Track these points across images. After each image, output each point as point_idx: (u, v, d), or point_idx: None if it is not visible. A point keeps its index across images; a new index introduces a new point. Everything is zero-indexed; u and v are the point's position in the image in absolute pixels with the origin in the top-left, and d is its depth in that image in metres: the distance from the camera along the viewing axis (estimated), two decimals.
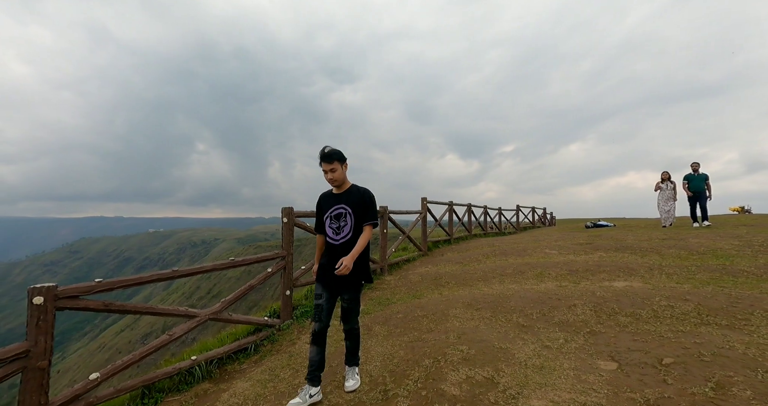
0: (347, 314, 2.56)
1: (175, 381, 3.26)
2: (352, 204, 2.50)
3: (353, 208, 2.49)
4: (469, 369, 2.59)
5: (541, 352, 2.82)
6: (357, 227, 2.48)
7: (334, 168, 2.46)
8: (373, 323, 4.04)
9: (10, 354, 2.32)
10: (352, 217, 2.48)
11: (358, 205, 2.50)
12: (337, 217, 2.52)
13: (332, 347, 3.41)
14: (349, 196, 2.53)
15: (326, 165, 2.45)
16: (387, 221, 6.59)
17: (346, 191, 2.56)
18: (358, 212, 2.49)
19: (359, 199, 2.51)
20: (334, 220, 2.53)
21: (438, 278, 5.72)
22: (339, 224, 2.50)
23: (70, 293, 2.59)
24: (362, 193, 2.55)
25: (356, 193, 2.55)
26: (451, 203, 10.87)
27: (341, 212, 2.51)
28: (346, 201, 2.52)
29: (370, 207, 2.52)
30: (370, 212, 2.51)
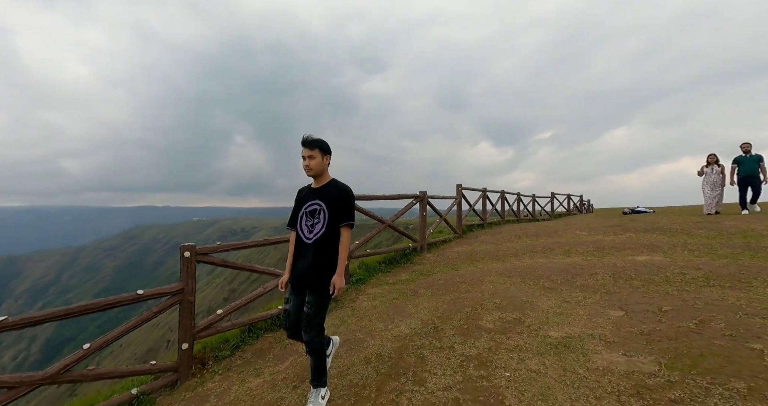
0: (306, 322, 2.21)
1: (268, 323, 4.26)
2: (328, 201, 2.28)
3: (328, 205, 2.27)
4: (501, 313, 3.31)
5: (562, 304, 3.48)
6: (331, 225, 2.25)
7: (312, 155, 2.27)
8: (419, 288, 4.83)
9: (173, 290, 3.34)
10: (326, 214, 2.26)
11: (334, 202, 2.27)
12: (312, 213, 2.31)
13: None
14: (325, 192, 2.31)
15: (306, 150, 2.27)
16: (426, 204, 7.30)
17: (324, 186, 2.35)
18: (333, 209, 2.27)
19: (336, 196, 2.29)
20: (308, 216, 2.32)
21: (473, 255, 6.40)
22: (313, 222, 2.29)
23: (203, 250, 3.58)
24: (340, 190, 2.31)
25: (333, 189, 2.32)
26: (484, 189, 11.35)
27: (316, 208, 2.30)
28: (321, 197, 2.31)
29: (346, 205, 2.29)
30: (347, 211, 2.29)
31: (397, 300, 4.46)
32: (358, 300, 4.80)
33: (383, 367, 2.71)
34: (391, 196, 6.48)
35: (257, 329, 4.16)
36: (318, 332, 2.25)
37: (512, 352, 2.62)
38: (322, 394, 2.32)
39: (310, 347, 2.26)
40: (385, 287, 5.16)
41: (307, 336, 2.23)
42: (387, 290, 4.99)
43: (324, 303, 2.25)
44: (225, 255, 4.05)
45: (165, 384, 3.30)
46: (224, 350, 3.80)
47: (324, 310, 2.27)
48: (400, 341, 3.12)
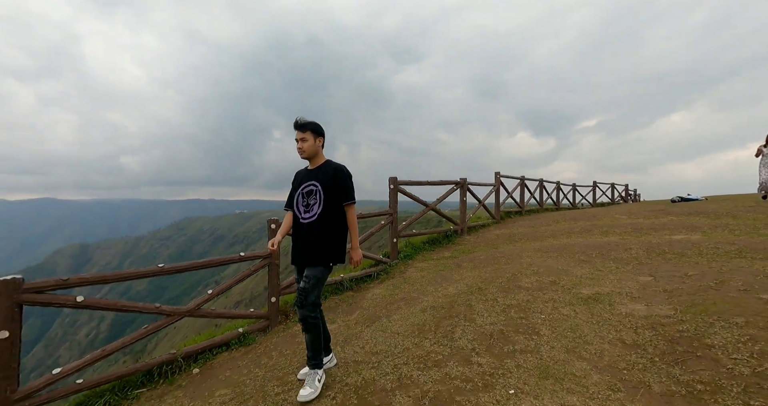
0: (302, 296, 2.23)
1: (332, 288, 5.04)
2: (322, 181, 2.30)
3: (323, 185, 2.29)
4: (538, 277, 3.83)
5: (594, 272, 3.91)
6: (327, 205, 2.28)
7: (305, 137, 2.30)
8: (462, 262, 5.40)
9: (264, 254, 4.18)
10: (322, 194, 2.29)
11: (328, 182, 2.30)
12: (308, 194, 2.34)
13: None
14: (320, 173, 2.34)
15: (298, 133, 2.31)
16: (466, 190, 7.78)
17: (319, 167, 2.38)
18: (329, 189, 2.29)
19: (331, 177, 2.31)
20: (304, 197, 2.35)
21: (511, 236, 6.84)
22: (308, 202, 2.32)
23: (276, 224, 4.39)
24: (334, 170, 2.34)
25: (328, 169, 2.35)
26: (522, 177, 11.55)
27: (312, 188, 2.32)
28: (316, 177, 2.33)
29: (343, 185, 2.31)
30: (345, 190, 2.32)
31: (442, 271, 5.07)
32: (408, 272, 5.46)
33: (438, 313, 3.34)
34: (434, 182, 7.05)
35: (326, 292, 4.95)
36: (313, 306, 2.24)
37: (547, 303, 3.15)
38: (319, 377, 2.30)
39: (306, 324, 2.24)
40: (431, 262, 5.78)
41: (302, 312, 2.22)
42: (432, 264, 5.61)
43: (320, 277, 2.26)
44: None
45: (260, 328, 4.17)
46: None
47: (320, 284, 2.28)
48: (450, 298, 3.74)
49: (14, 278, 2.55)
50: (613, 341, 2.40)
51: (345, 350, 2.93)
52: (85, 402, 2.94)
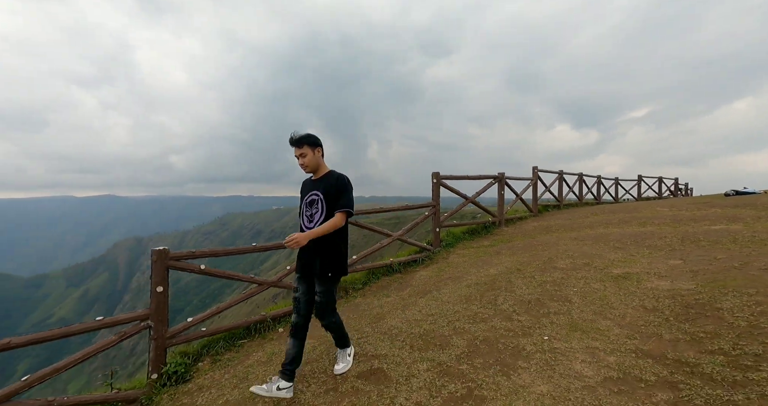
0: (319, 309, 2.39)
1: (384, 270, 5.73)
2: (324, 191, 2.37)
3: (325, 194, 2.36)
4: (572, 260, 4.27)
5: (626, 257, 4.28)
6: (329, 214, 2.34)
7: (303, 153, 2.35)
8: (500, 249, 5.89)
9: None
10: (324, 204, 2.35)
11: (329, 191, 2.36)
12: (311, 203, 2.41)
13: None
14: (322, 183, 2.40)
15: (296, 150, 2.36)
16: (504, 184, 8.18)
17: (321, 178, 2.44)
18: (330, 198, 2.35)
19: (332, 186, 2.37)
20: (308, 207, 2.42)
21: (548, 227, 7.18)
22: (311, 211, 2.39)
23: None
24: (336, 179, 2.39)
25: (330, 179, 2.41)
26: (561, 171, 11.64)
27: (314, 198, 2.39)
28: (318, 187, 2.40)
29: (342, 193, 2.36)
30: (342, 198, 2.35)
31: (483, 257, 5.60)
32: (450, 257, 6.04)
33: (481, 288, 3.91)
34: (474, 176, 7.52)
35: (377, 273, 5.67)
36: (331, 314, 2.43)
37: (579, 279, 3.62)
38: (349, 352, 2.66)
39: (329, 328, 2.48)
40: (471, 250, 6.31)
41: (324, 321, 2.43)
42: (473, 251, 6.14)
43: (331, 289, 2.39)
44: None
45: None
46: (357, 284, 5.37)
47: (333, 295, 2.41)
48: (491, 277, 4.28)
49: (164, 248, 3.45)
50: (636, 307, 2.86)
51: (405, 313, 3.59)
52: (208, 344, 3.83)
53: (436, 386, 2.19)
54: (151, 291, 3.41)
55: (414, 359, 2.55)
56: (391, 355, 2.68)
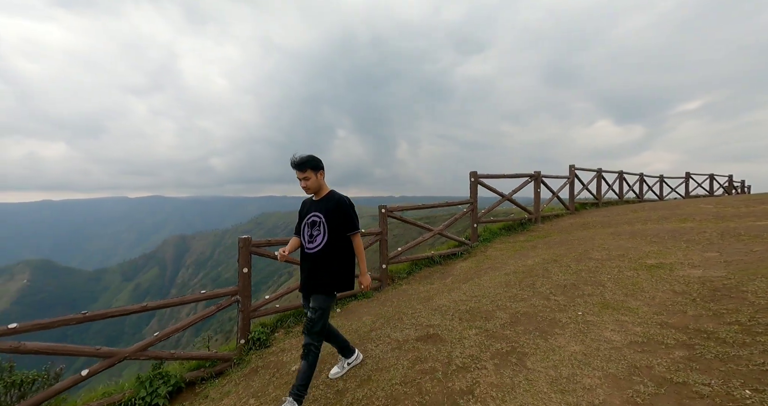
0: (309, 325, 2.36)
1: (425, 262, 6.23)
2: (326, 212, 2.41)
3: (327, 216, 2.40)
4: (607, 252, 4.54)
5: (662, 250, 4.49)
6: (331, 236, 2.39)
7: (307, 176, 2.39)
8: (537, 244, 6.19)
9: (377, 231, 5.52)
10: (325, 226, 2.39)
11: (331, 214, 2.41)
12: (312, 225, 2.44)
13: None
14: (323, 205, 2.45)
15: (299, 173, 2.40)
16: (540, 182, 8.38)
17: (323, 199, 2.49)
18: (332, 221, 2.40)
19: (333, 208, 2.42)
20: (308, 227, 2.46)
21: (585, 224, 7.34)
22: (312, 233, 2.43)
23: (392, 209, 5.67)
24: (337, 201, 2.44)
25: (331, 201, 2.45)
26: (599, 169, 11.53)
27: (315, 220, 2.43)
28: (319, 209, 2.45)
29: (346, 216, 2.42)
30: (348, 221, 2.42)
31: (520, 250, 5.94)
32: (488, 251, 6.42)
33: (520, 275, 4.31)
34: (510, 174, 7.83)
35: (420, 264, 6.18)
36: (318, 335, 2.35)
37: (613, 268, 3.93)
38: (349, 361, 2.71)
39: (308, 350, 2.31)
40: (508, 244, 6.65)
41: (307, 338, 2.33)
42: (510, 245, 6.48)
43: (325, 308, 2.37)
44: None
45: (375, 287, 5.52)
46: (402, 274, 5.91)
47: (326, 315, 2.39)
48: (529, 266, 4.66)
49: (248, 237, 4.18)
50: (666, 290, 3.17)
51: (450, 295, 4.08)
52: (281, 318, 4.54)
53: (485, 344, 2.67)
54: (239, 272, 4.15)
55: (463, 327, 3.04)
56: (443, 325, 3.19)
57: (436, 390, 2.21)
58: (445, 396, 2.14)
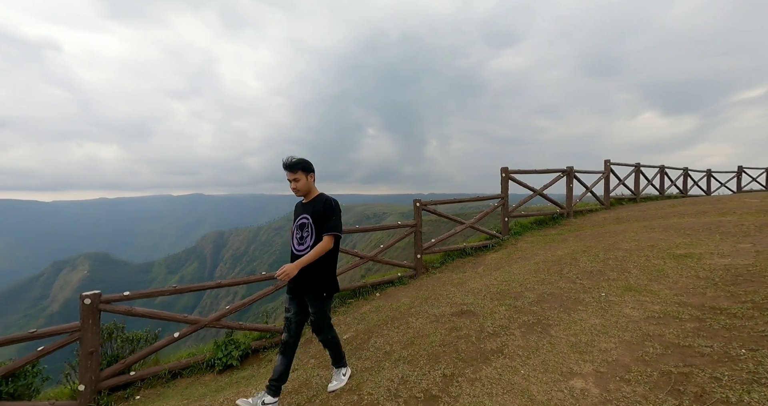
0: (316, 327, 2.50)
1: (457, 253, 6.59)
2: (314, 214, 2.45)
3: (314, 218, 2.44)
4: (637, 243, 4.70)
5: (694, 241, 4.58)
6: (318, 237, 2.42)
7: (297, 178, 2.44)
8: (567, 237, 6.36)
9: (412, 224, 5.95)
10: (313, 227, 2.43)
11: (318, 215, 2.44)
12: (301, 227, 2.48)
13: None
14: (312, 207, 2.49)
15: (289, 174, 2.44)
16: (572, 178, 8.44)
17: (311, 201, 2.52)
18: (318, 222, 2.43)
19: (320, 210, 2.45)
20: (298, 229, 2.49)
21: (619, 218, 7.36)
22: (302, 234, 2.46)
23: (426, 203, 6.08)
24: (324, 203, 2.48)
25: (319, 203, 2.49)
26: (637, 164, 11.26)
27: (304, 222, 2.47)
28: (308, 211, 2.48)
29: (330, 217, 2.44)
30: (329, 221, 2.43)
31: (550, 242, 6.15)
32: (518, 243, 6.67)
33: (548, 263, 4.58)
34: (541, 170, 7.97)
35: (452, 255, 6.55)
36: (328, 329, 2.53)
37: (641, 257, 4.12)
38: (343, 372, 2.68)
39: (326, 344, 2.58)
40: (538, 237, 6.86)
41: (321, 337, 2.53)
42: (540, 238, 6.69)
43: (323, 308, 2.46)
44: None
45: (409, 275, 5.97)
46: (435, 263, 6.32)
47: (326, 313, 2.50)
48: (558, 256, 4.90)
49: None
50: (689, 276, 3.37)
51: (482, 280, 4.45)
52: None
53: (513, 317, 3.04)
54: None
55: (494, 305, 3.42)
56: (475, 303, 3.58)
57: (471, 349, 2.63)
58: (478, 354, 2.55)
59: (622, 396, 1.89)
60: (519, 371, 2.28)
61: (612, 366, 2.17)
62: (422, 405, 2.12)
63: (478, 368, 2.37)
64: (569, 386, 2.05)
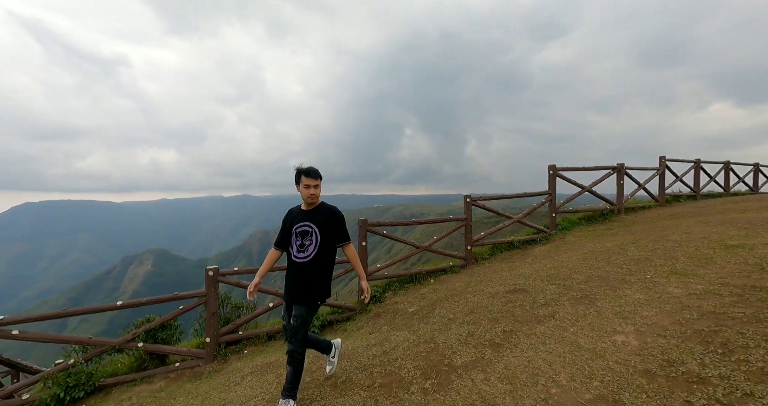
0: (291, 333, 2.41)
1: (505, 246, 6.98)
2: (319, 223, 2.46)
3: (320, 227, 2.45)
4: (688, 235, 4.85)
5: (749, 234, 4.64)
6: (322, 246, 2.44)
7: (317, 185, 2.46)
8: (617, 232, 6.51)
9: (462, 218, 6.45)
10: (318, 236, 2.43)
11: (325, 225, 2.46)
12: (302, 234, 2.45)
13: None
14: (316, 215, 2.49)
15: (312, 180, 2.45)
16: (623, 174, 8.42)
17: (315, 209, 2.52)
18: (325, 231, 2.45)
19: (327, 219, 2.48)
20: (298, 237, 2.46)
21: (673, 214, 7.30)
22: (303, 242, 2.44)
23: (478, 200, 6.56)
24: (332, 212, 2.51)
25: (325, 212, 2.51)
26: (697, 160, 10.78)
27: (307, 230, 2.45)
28: (313, 219, 2.47)
29: (342, 227, 2.51)
30: (343, 231, 2.50)
31: (599, 237, 6.35)
32: (566, 238, 6.91)
33: (596, 253, 4.88)
34: (590, 167, 8.08)
35: (500, 248, 6.96)
36: (301, 343, 2.42)
37: (691, 247, 4.31)
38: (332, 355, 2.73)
39: (292, 357, 2.41)
40: (587, 232, 7.04)
41: (291, 346, 2.42)
42: (589, 233, 6.88)
43: (308, 316, 2.43)
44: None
45: (460, 265, 6.47)
46: (485, 255, 6.77)
47: (307, 323, 2.44)
48: (606, 247, 5.17)
49: (365, 219, 5.48)
50: (738, 263, 3.58)
51: (532, 267, 4.87)
52: (388, 284, 5.79)
53: (562, 293, 3.49)
54: (359, 246, 5.47)
55: (544, 284, 3.87)
56: (527, 283, 4.05)
57: (525, 314, 3.14)
58: (532, 317, 3.06)
59: (657, 346, 2.33)
60: (568, 329, 2.76)
61: (651, 327, 2.59)
62: (489, 349, 2.68)
63: (532, 327, 2.89)
64: (612, 339, 2.51)
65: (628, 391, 1.96)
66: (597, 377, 2.14)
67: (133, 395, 3.62)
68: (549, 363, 2.37)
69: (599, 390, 2.02)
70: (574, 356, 2.39)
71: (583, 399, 1.97)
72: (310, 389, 2.68)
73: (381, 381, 2.56)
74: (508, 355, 2.56)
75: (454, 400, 2.18)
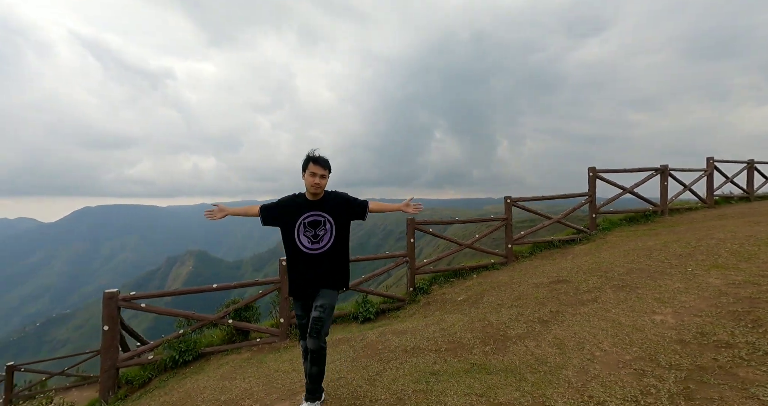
0: (318, 326, 2.20)
1: (545, 245, 7.24)
2: (332, 212, 2.36)
3: (334, 216, 2.36)
4: (733, 234, 4.96)
5: None
6: (338, 235, 2.36)
7: (324, 175, 2.34)
8: (660, 232, 6.60)
9: (503, 217, 6.82)
10: (333, 225, 2.35)
11: (338, 211, 2.38)
12: (313, 225, 2.34)
13: None
14: (326, 204, 2.38)
15: (320, 169, 2.32)
16: (667, 176, 8.39)
17: (322, 199, 2.40)
18: (338, 219, 2.37)
19: (339, 204, 2.40)
20: (308, 228, 2.34)
21: (721, 215, 7.23)
22: (316, 233, 2.33)
23: (516, 199, 6.91)
24: (339, 196, 2.44)
25: (335, 198, 2.42)
26: (751, 161, 10.41)
27: (318, 219, 2.35)
28: (323, 208, 2.37)
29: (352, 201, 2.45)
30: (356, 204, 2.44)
31: (641, 237, 6.48)
32: (607, 238, 7.06)
33: (638, 251, 5.09)
34: (631, 169, 8.15)
35: (540, 247, 7.23)
36: (326, 337, 2.25)
37: (735, 244, 4.46)
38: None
39: (318, 355, 2.21)
40: (628, 232, 7.15)
41: (317, 343, 2.19)
42: (630, 233, 6.99)
43: (334, 305, 2.32)
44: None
45: (501, 262, 6.82)
46: (525, 253, 7.08)
47: (332, 314, 2.32)
48: (647, 246, 5.35)
49: (413, 218, 6.01)
50: None
51: (573, 262, 5.17)
52: (434, 277, 6.28)
53: (604, 283, 3.83)
54: (407, 242, 6.00)
55: (587, 276, 4.21)
56: (569, 276, 4.40)
57: (570, 299, 3.53)
58: (576, 301, 3.45)
59: (693, 323, 2.66)
60: (610, 310, 3.13)
61: (688, 310, 2.91)
62: (538, 324, 3.12)
63: (577, 309, 3.28)
64: (651, 318, 2.87)
65: (663, 354, 2.34)
66: (636, 345, 2.52)
67: (228, 361, 4.35)
68: (593, 335, 2.77)
69: (638, 353, 2.41)
70: (616, 330, 2.78)
71: (623, 359, 2.38)
72: (386, 353, 3.23)
73: (446, 347, 3.06)
74: (556, 329, 2.98)
75: (512, 359, 2.64)
